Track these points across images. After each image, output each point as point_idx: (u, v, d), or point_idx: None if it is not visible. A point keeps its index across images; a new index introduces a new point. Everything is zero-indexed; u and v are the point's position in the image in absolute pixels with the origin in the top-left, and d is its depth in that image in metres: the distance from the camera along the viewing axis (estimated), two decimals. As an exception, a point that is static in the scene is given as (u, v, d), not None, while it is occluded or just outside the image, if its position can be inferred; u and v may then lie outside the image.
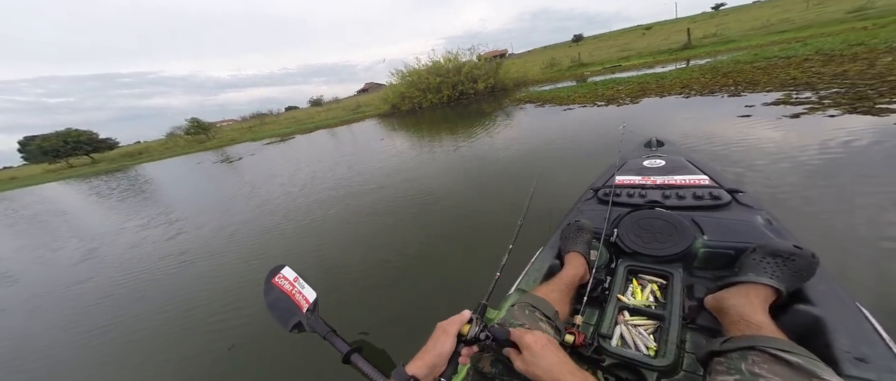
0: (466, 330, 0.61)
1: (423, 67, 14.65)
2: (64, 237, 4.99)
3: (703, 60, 8.76)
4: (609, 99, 6.17)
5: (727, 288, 0.77)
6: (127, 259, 3.43)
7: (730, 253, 0.94)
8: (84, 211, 7.27)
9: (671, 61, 10.31)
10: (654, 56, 12.90)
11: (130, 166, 18.41)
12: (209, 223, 4.08)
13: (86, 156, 31.16)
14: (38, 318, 2.57)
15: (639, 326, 0.85)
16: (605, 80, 8.80)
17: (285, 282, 0.97)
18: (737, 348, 0.58)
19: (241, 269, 2.66)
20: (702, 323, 0.82)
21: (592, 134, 4.25)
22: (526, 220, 1.17)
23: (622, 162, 1.76)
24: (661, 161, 1.63)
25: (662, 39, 18.47)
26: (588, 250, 1.05)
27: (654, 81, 6.87)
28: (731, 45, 10.87)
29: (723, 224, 1.03)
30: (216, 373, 1.63)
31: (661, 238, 1.04)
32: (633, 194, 1.34)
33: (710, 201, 1.17)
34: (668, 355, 0.74)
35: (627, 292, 0.97)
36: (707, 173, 1.42)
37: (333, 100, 45.14)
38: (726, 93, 4.66)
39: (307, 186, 4.87)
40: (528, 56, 26.13)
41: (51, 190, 13.70)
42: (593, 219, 1.19)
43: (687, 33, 14.41)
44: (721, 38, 13.16)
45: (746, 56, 7.25)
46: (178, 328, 2.06)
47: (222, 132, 30.03)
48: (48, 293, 3.01)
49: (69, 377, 1.84)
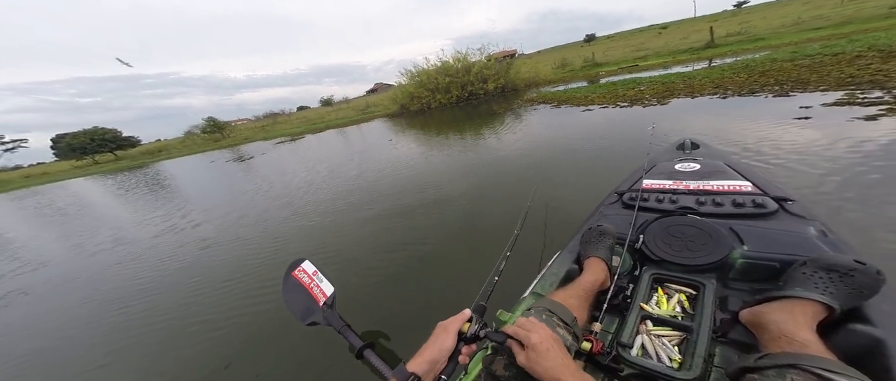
0: (466, 329, 0.62)
1: (432, 67, 14.40)
2: (96, 229, 5.16)
3: (727, 59, 8.21)
4: (633, 99, 5.72)
5: (768, 302, 0.73)
6: (158, 246, 3.62)
7: (773, 266, 0.86)
8: (110, 205, 7.50)
9: (692, 61, 9.77)
10: (674, 55, 12.28)
11: (150, 164, 18.89)
12: (219, 217, 4.21)
13: (110, 153, 32.40)
14: (78, 292, 2.86)
15: (662, 336, 0.80)
16: (625, 79, 8.31)
17: (304, 275, 0.98)
18: (774, 365, 0.54)
19: (256, 260, 2.74)
20: (734, 337, 0.77)
21: (615, 136, 3.92)
22: (523, 230, 1.16)
23: (651, 165, 1.64)
24: (695, 165, 1.52)
25: (681, 38, 17.71)
26: (610, 255, 1.00)
27: (681, 80, 6.36)
28: (759, 44, 10.19)
29: (767, 235, 0.96)
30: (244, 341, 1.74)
31: (694, 247, 0.98)
32: (662, 200, 1.26)
33: (753, 210, 1.08)
34: (695, 368, 0.69)
35: (651, 300, 0.92)
36: (750, 179, 1.30)
37: (343, 100, 45.48)
38: (770, 93, 4.19)
39: (314, 185, 4.77)
40: (538, 57, 25.72)
41: (77, 185, 14.15)
42: (617, 224, 1.15)
43: (710, 32, 13.68)
44: (747, 37, 12.41)
45: (783, 54, 6.65)
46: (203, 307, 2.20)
47: (237, 131, 30.56)
48: (83, 274, 3.28)
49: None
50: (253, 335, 1.80)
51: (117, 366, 1.81)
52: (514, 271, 1.01)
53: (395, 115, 14.92)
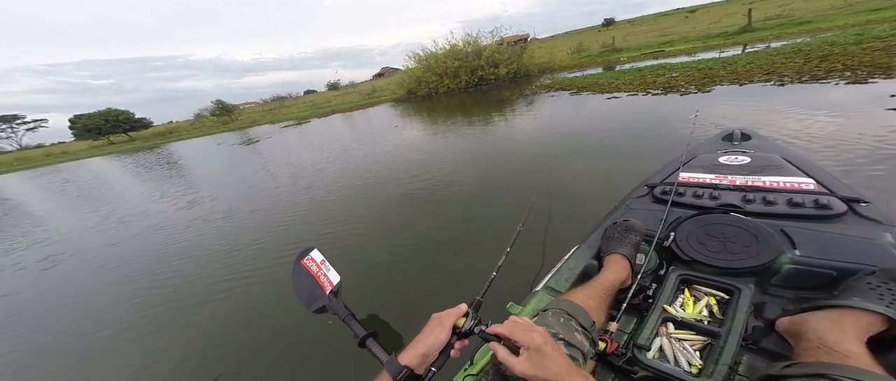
0: (462, 323, 0.61)
1: (441, 51, 13.66)
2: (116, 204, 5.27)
3: (772, 44, 7.40)
4: (666, 87, 5.05)
5: (813, 311, 0.65)
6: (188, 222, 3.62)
7: (830, 274, 0.77)
8: (131, 184, 7.45)
9: (725, 46, 9.00)
10: (704, 41, 11.40)
11: (162, 145, 19.12)
12: (221, 205, 4.02)
13: (124, 134, 32.82)
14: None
15: (684, 340, 0.75)
16: (652, 65, 7.57)
17: (313, 264, 1.04)
18: (801, 374, 0.49)
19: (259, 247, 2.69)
20: (766, 347, 0.71)
21: (647, 126, 3.43)
22: (531, 225, 1.24)
23: (690, 157, 1.53)
24: (744, 158, 1.39)
25: (711, 22, 16.51)
26: (634, 253, 0.94)
27: (720, 66, 5.64)
28: (804, 28, 9.17)
29: (827, 239, 0.84)
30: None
31: (734, 248, 0.89)
32: (701, 195, 1.17)
33: (813, 210, 0.96)
34: (717, 375, 0.65)
35: (676, 302, 0.85)
36: (813, 177, 1.18)
37: (350, 84, 44.90)
38: (841, 79, 3.53)
39: (318, 177, 4.42)
40: (552, 41, 24.59)
41: (95, 164, 14.53)
42: (645, 219, 1.07)
43: (748, 14, 12.52)
44: (789, 20, 11.31)
45: (845, 37, 5.79)
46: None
47: (245, 114, 30.63)
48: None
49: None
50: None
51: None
52: (515, 266, 1.04)
53: (402, 100, 14.43)
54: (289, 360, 1.46)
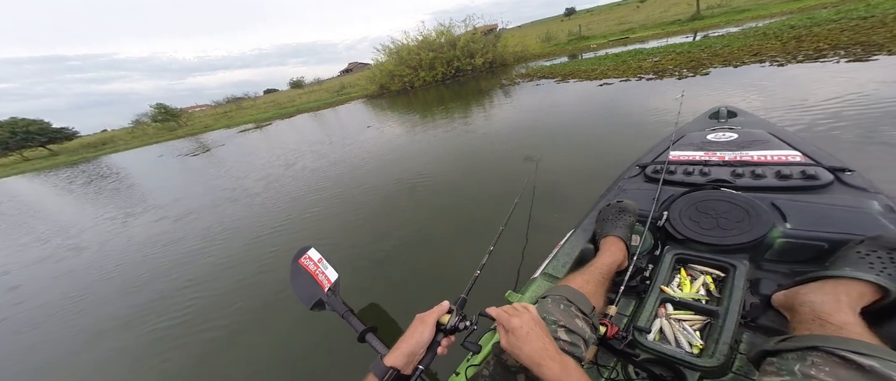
0: (447, 320, 0.62)
1: (413, 42, 13.10)
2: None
3: (723, 30, 7.80)
4: (658, 71, 5.00)
5: (807, 283, 0.66)
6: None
7: (821, 246, 0.78)
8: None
9: (684, 32, 9.49)
10: (663, 28, 11.96)
11: (93, 158, 16.77)
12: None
13: (41, 147, 28.16)
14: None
15: (683, 321, 0.75)
16: (630, 51, 7.64)
17: (310, 263, 1.06)
18: (795, 347, 0.50)
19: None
20: (765, 323, 0.72)
21: (629, 113, 3.43)
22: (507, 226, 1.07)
23: (679, 136, 1.54)
24: (732, 134, 1.39)
25: (661, 11, 17.53)
26: (629, 234, 0.94)
27: (698, 49, 5.73)
28: (745, 15, 9.85)
29: (817, 210, 0.85)
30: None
31: (726, 224, 0.89)
32: (691, 172, 1.16)
33: (801, 182, 0.98)
34: (718, 355, 0.64)
35: (673, 283, 0.85)
36: (800, 149, 1.18)
37: (315, 81, 42.33)
38: (841, 57, 3.58)
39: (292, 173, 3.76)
40: (520, 31, 24.94)
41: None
42: (638, 199, 1.08)
43: (696, 4, 13.37)
44: (730, 9, 12.22)
45: (801, 20, 6.12)
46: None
47: (195, 119, 27.95)
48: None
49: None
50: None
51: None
52: (496, 269, 1.11)
53: (375, 96, 13.71)
54: (289, 361, 1.45)
